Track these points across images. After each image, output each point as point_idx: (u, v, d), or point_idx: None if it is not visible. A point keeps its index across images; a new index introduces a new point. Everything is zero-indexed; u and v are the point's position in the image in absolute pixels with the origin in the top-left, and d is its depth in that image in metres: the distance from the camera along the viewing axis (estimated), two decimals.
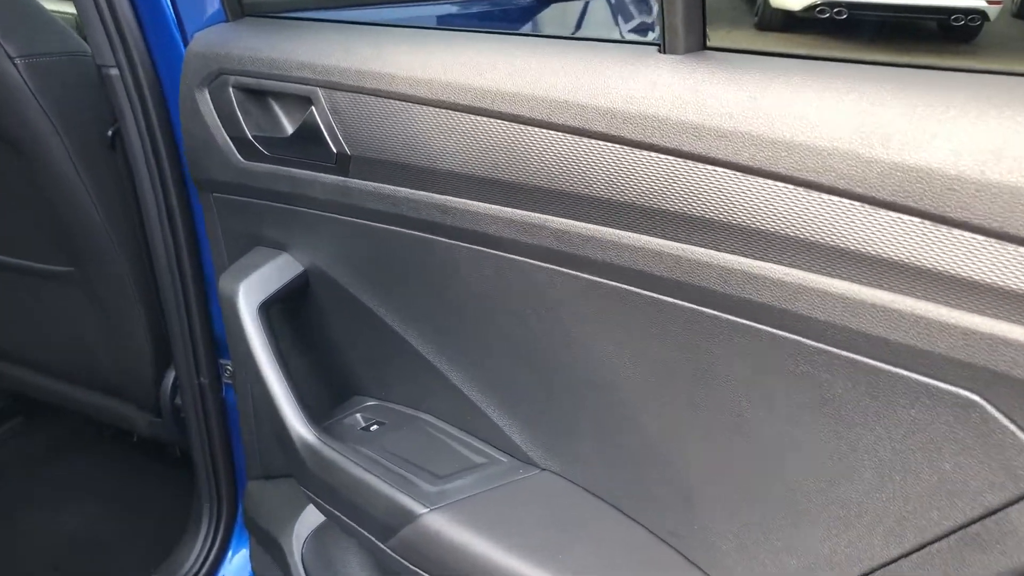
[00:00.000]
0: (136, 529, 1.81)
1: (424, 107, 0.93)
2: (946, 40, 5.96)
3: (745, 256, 0.73)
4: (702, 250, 0.76)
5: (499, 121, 0.86)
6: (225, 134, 1.15)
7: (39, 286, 1.67)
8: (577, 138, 0.80)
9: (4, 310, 1.77)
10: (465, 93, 0.88)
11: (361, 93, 0.98)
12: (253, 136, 1.12)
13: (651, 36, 1.88)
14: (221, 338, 1.48)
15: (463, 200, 0.93)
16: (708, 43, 0.77)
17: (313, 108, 1.04)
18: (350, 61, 1.00)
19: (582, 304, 0.87)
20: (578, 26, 1.82)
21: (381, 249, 1.06)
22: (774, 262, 0.71)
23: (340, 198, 1.05)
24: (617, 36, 1.93)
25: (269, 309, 1.17)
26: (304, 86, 1.05)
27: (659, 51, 0.79)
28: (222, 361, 1.50)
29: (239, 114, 1.12)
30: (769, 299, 0.73)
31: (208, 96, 1.16)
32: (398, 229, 1.02)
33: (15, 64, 1.41)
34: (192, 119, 1.20)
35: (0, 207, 1.60)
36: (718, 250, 0.75)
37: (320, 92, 1.03)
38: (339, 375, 1.25)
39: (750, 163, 0.71)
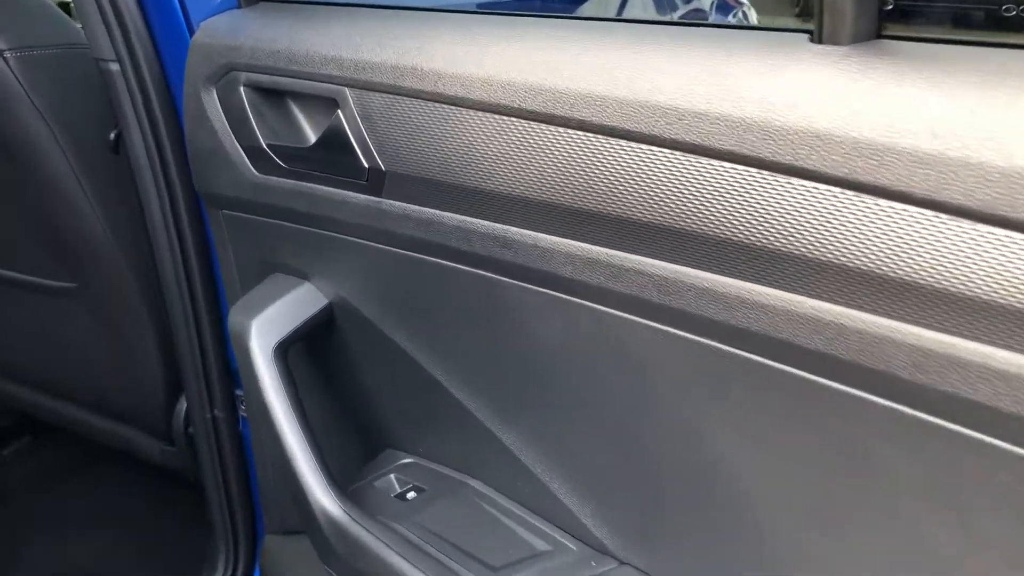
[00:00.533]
0: (146, 562, 1.68)
1: (480, 113, 0.73)
2: None
3: (945, 333, 0.52)
4: (889, 322, 0.54)
5: (582, 134, 0.67)
6: (236, 142, 0.96)
7: (40, 302, 1.53)
8: (693, 158, 0.60)
9: (4, 327, 1.62)
10: (535, 96, 0.69)
11: (399, 95, 0.79)
12: (268, 145, 0.93)
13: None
14: (237, 367, 1.32)
15: (531, 232, 0.73)
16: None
17: (340, 112, 0.85)
18: (386, 55, 0.80)
19: (686, 369, 0.67)
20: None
21: (422, 284, 0.87)
22: (995, 344, 0.51)
23: (372, 222, 0.86)
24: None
25: (287, 349, 0.98)
26: (329, 85, 0.85)
27: (811, 40, 0.58)
28: (238, 392, 1.33)
29: (252, 119, 0.94)
30: (970, 391, 0.52)
31: (215, 96, 0.98)
32: (444, 262, 0.82)
33: (5, 58, 1.24)
34: (197, 124, 1.01)
35: (6, 224, 1.45)
36: (915, 324, 0.54)
37: (349, 93, 0.84)
38: (368, 425, 1.07)
39: (969, 203, 0.50)
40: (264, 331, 0.96)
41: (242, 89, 0.94)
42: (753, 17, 2.53)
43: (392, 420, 1.03)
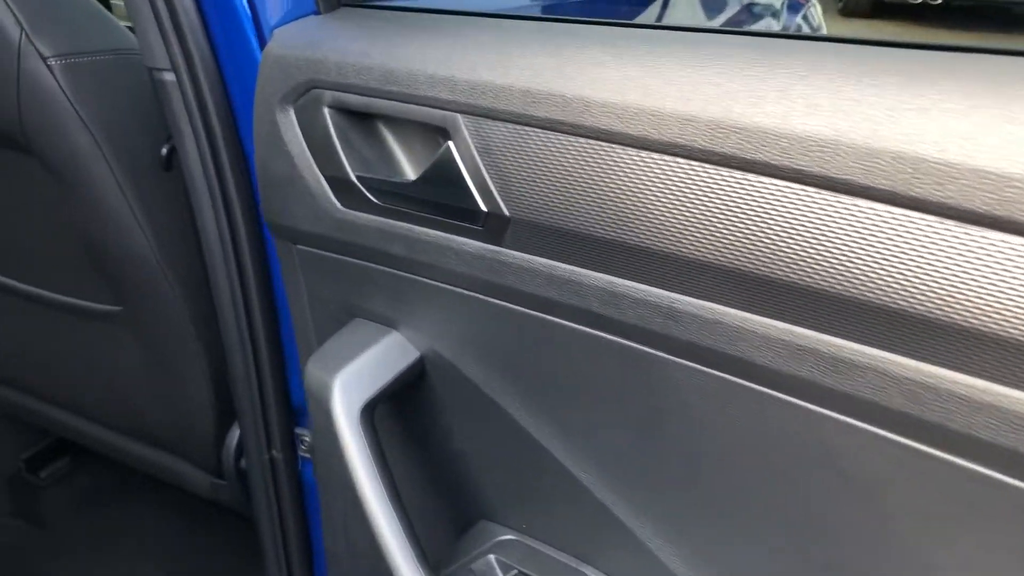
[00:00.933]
0: None
1: (640, 153, 0.59)
2: None
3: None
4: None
5: (791, 185, 0.53)
6: (317, 171, 0.83)
7: (81, 325, 1.42)
8: (953, 224, 0.46)
9: (44, 349, 1.52)
10: (724, 136, 0.55)
11: (530, 125, 0.65)
12: (358, 178, 0.80)
13: None
14: (298, 404, 1.20)
15: (707, 304, 0.59)
16: None
17: (451, 143, 0.71)
18: (511, 75, 0.66)
19: (902, 481, 0.53)
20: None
21: (546, 348, 0.73)
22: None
23: (488, 275, 0.73)
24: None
25: (374, 409, 0.85)
26: (437, 110, 0.72)
27: None
28: (298, 431, 1.22)
29: (338, 145, 0.80)
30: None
31: (293, 117, 0.84)
32: (579, 327, 0.68)
33: (49, 66, 1.12)
34: (269, 148, 0.88)
35: (38, 235, 1.35)
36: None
37: (462, 121, 0.70)
38: (461, 493, 0.93)
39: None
40: (349, 388, 0.83)
41: (326, 111, 0.81)
42: (818, 14, 2.38)
43: (490, 490, 0.90)
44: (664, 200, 0.59)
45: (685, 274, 0.59)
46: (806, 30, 2.13)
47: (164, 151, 1.17)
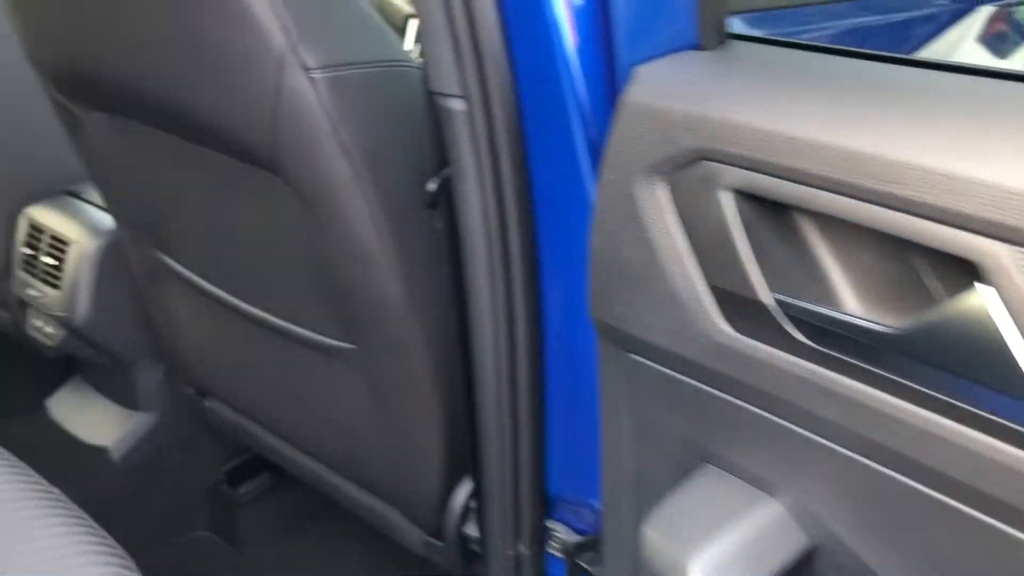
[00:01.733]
0: None
1: None
2: None
3: None
4: None
5: None
6: (698, 277, 0.60)
7: (307, 355, 1.29)
8: None
9: (263, 372, 1.43)
10: None
11: None
12: (779, 302, 0.56)
13: None
14: (553, 494, 1.06)
15: None
16: None
17: (991, 285, 0.46)
18: None
19: None
20: None
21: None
22: None
23: (971, 478, 0.48)
24: None
25: None
26: (946, 228, 0.47)
27: None
28: (549, 523, 1.09)
29: (745, 249, 0.56)
30: None
31: (666, 195, 0.61)
32: None
33: (312, 79, 0.95)
34: (618, 229, 0.65)
35: (273, 257, 1.23)
36: None
37: (1011, 255, 0.45)
38: None
39: None
40: None
41: (724, 195, 0.57)
42: None
43: None
44: None
45: None
46: None
47: (432, 186, 0.99)
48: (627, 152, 0.63)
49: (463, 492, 1.23)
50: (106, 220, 1.53)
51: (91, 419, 1.72)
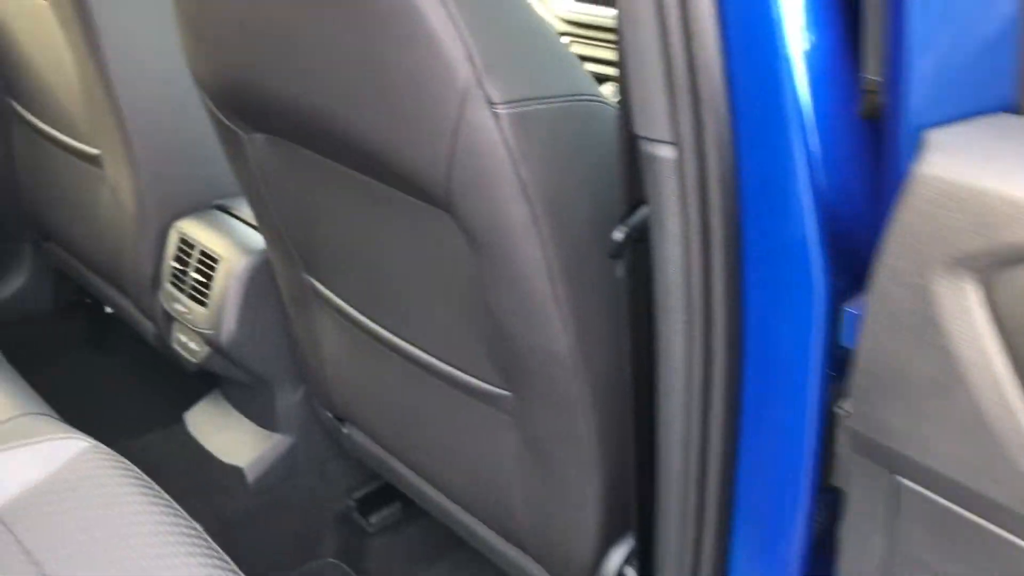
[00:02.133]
0: None
1: None
2: None
3: None
4: None
5: None
6: None
7: (456, 395, 1.22)
8: None
9: (405, 405, 1.36)
10: None
11: None
12: None
13: None
14: None
15: None
16: None
17: None
18: None
19: None
20: None
21: None
22: None
23: None
24: None
25: None
26: None
27: None
28: None
29: None
30: None
31: (982, 298, 0.49)
32: None
33: (496, 114, 0.87)
34: (903, 332, 0.54)
35: (431, 290, 1.15)
36: None
37: None
38: None
39: None
40: None
41: None
42: None
43: None
44: None
45: None
46: None
47: (618, 235, 0.89)
48: (922, 237, 0.52)
49: (618, 556, 1.15)
50: (255, 238, 1.50)
51: (227, 436, 1.69)
